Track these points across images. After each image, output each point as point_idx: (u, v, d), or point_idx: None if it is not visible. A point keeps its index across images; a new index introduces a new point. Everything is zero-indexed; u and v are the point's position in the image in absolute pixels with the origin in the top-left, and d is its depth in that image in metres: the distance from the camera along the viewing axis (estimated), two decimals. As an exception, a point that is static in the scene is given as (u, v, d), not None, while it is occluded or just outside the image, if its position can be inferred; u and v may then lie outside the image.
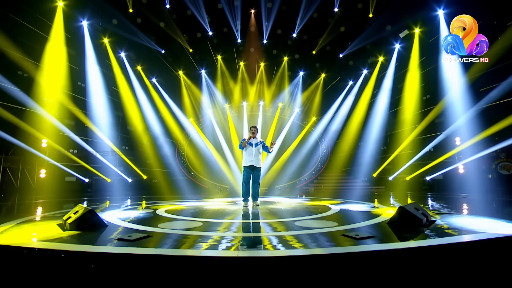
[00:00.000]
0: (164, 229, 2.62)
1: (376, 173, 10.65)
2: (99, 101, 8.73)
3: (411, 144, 8.81)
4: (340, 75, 11.45)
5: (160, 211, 4.10)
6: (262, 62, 11.31)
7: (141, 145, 10.68)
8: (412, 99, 8.69)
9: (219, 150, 11.95)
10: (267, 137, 11.75)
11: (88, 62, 8.26)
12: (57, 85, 7.16)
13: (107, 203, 5.82)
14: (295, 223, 2.97)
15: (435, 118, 8.02)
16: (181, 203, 5.69)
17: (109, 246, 1.93)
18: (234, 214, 3.86)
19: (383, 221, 2.97)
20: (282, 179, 11.76)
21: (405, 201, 5.78)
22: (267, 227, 2.80)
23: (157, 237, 2.29)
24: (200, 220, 3.20)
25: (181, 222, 3.15)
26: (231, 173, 11.47)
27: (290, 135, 12.28)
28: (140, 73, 10.60)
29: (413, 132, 8.61)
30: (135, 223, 3.00)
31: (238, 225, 2.93)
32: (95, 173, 8.70)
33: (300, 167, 11.97)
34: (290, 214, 3.86)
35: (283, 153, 12.05)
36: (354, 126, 11.34)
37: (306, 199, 6.56)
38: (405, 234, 2.28)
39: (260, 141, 5.08)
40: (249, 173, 4.98)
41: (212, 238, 2.21)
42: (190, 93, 11.90)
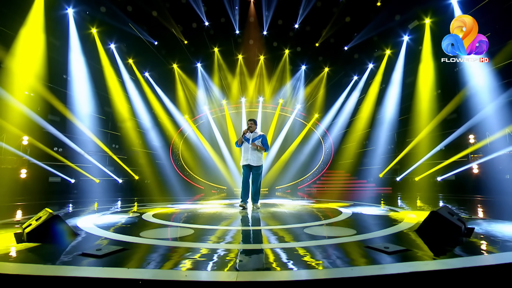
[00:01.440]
0: (146, 239, 2.19)
1: (383, 174, 10.27)
2: (86, 96, 8.27)
3: (421, 142, 8.43)
4: (345, 69, 11.09)
5: (147, 215, 3.67)
6: (261, 55, 10.95)
7: (132, 144, 10.23)
8: (424, 94, 8.30)
9: (216, 149, 11.60)
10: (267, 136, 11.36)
11: (74, 53, 7.80)
12: (33, 76, 6.67)
13: (95, 205, 5.44)
14: (304, 230, 2.56)
15: (449, 114, 7.63)
16: (173, 205, 5.27)
17: (62, 266, 1.51)
18: (231, 219, 3.44)
19: (408, 228, 2.56)
20: (283, 180, 11.46)
21: (414, 203, 5.39)
22: (270, 236, 2.38)
23: (134, 250, 1.87)
24: (191, 227, 2.78)
25: (169, 229, 2.73)
26: (229, 173, 11.11)
27: (291, 133, 11.94)
28: (131, 67, 10.16)
29: (424, 130, 8.22)
30: (114, 230, 2.57)
31: (235, 234, 2.51)
32: (82, 173, 8.25)
33: (301, 167, 11.68)
34: (296, 219, 3.45)
35: (283, 153, 11.71)
36: (360, 123, 10.99)
37: (311, 201, 6.16)
38: (448, 247, 1.87)
39: (260, 135, 4.63)
40: (247, 172, 4.58)
41: (203, 252, 1.79)
42: (185, 88, 11.51)
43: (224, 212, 4.11)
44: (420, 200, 6.28)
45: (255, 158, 4.51)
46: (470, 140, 7.46)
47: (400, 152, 9.40)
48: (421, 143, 8.46)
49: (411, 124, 9.00)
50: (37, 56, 6.69)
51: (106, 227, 2.73)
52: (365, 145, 11.12)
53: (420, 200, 6.12)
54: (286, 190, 11.42)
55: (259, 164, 4.58)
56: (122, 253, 1.77)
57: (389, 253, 1.68)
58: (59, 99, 7.59)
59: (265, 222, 3.24)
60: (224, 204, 5.67)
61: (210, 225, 2.94)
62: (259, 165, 4.59)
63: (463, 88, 7.22)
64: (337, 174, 11.64)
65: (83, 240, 2.17)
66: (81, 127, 8.05)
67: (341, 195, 8.34)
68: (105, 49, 8.92)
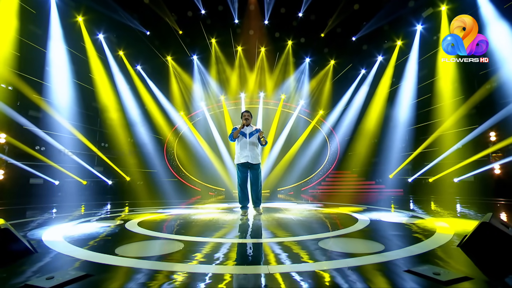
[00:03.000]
0: (120, 259, 1.79)
1: (393, 174, 9.90)
2: (71, 91, 7.85)
3: (437, 140, 8.04)
4: (352, 62, 10.71)
5: (132, 223, 3.27)
6: (262, 46, 10.61)
7: (123, 142, 9.84)
8: (441, 88, 7.88)
9: (214, 148, 11.29)
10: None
11: (57, 43, 7.37)
12: (7, 67, 6.26)
13: (82, 209, 5.06)
14: (319, 243, 2.16)
15: (471, 109, 7.22)
16: (164, 210, 4.87)
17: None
18: (229, 228, 3.04)
19: (447, 241, 2.16)
20: (285, 181, 11.16)
21: (435, 208, 4.99)
22: (277, 253, 1.98)
23: (101, 277, 1.46)
24: (180, 239, 2.38)
25: (152, 243, 2.33)
26: (228, 174, 10.79)
27: (294, 131, 11.64)
28: (122, 59, 9.76)
29: (442, 127, 7.81)
30: (85, 245, 2.17)
31: (233, 249, 2.10)
32: (67, 174, 7.84)
33: (305, 167, 11.38)
34: (306, 227, 3.05)
35: (286, 152, 11.40)
36: (368, 120, 10.63)
37: (318, 205, 5.77)
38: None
39: (256, 130, 4.25)
40: (244, 172, 4.18)
41: (189, 281, 1.39)
42: (181, 82, 11.17)
43: (221, 219, 3.71)
44: (436, 203, 5.89)
45: (254, 155, 4.13)
46: (491, 138, 7.07)
47: (413, 151, 9.02)
48: (437, 141, 8.07)
49: (425, 121, 8.61)
50: (12, 46, 6.27)
51: (77, 241, 2.32)
52: (374, 143, 10.75)
53: (437, 204, 5.73)
54: (289, 192, 11.12)
55: (259, 161, 4.21)
56: (83, 282, 1.37)
57: (444, 282, 1.28)
58: (41, 94, 7.18)
59: (269, 232, 2.84)
60: (222, 208, 5.27)
61: (204, 237, 2.54)
62: (259, 163, 4.22)
63: (489, 79, 6.80)
64: (343, 175, 11.31)
65: (38, 260, 1.76)
66: (65, 124, 7.64)
67: (349, 198, 7.98)
68: (93, 39, 8.51)
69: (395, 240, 2.35)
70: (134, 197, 8.29)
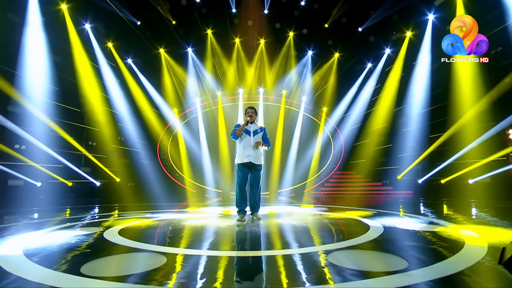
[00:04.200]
0: (83, 281, 1.50)
1: (402, 175, 9.65)
2: (54, 85, 7.53)
3: (450, 138, 7.76)
4: (358, 55, 10.45)
5: (112, 231, 2.98)
6: (262, 38, 10.31)
7: (113, 141, 9.57)
8: (457, 83, 7.56)
9: (210, 147, 11.05)
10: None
11: (38, 33, 7.04)
12: None
13: (63, 214, 4.83)
14: (329, 258, 1.88)
15: (488, 104, 6.92)
16: (153, 215, 4.58)
17: None
18: (223, 237, 2.76)
19: (484, 256, 1.88)
20: (286, 182, 10.92)
21: (453, 213, 4.72)
22: (281, 270, 1.69)
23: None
24: (163, 252, 2.09)
25: (128, 257, 2.04)
26: (225, 175, 10.54)
27: (295, 129, 11.37)
28: (111, 52, 9.46)
29: (457, 123, 7.52)
30: (45, 261, 1.88)
31: (227, 265, 1.82)
32: (50, 175, 7.55)
33: (308, 167, 11.16)
34: (311, 236, 2.77)
35: (287, 151, 11.19)
36: (375, 118, 10.39)
37: (322, 209, 5.49)
38: None
39: (261, 128, 4.13)
40: (245, 173, 3.98)
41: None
42: (174, 77, 10.88)
43: (215, 225, 3.42)
44: (452, 207, 5.62)
45: (257, 155, 3.97)
46: (510, 136, 6.79)
47: (423, 150, 8.75)
48: (450, 140, 7.79)
49: (437, 118, 8.34)
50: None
51: (38, 256, 2.03)
52: (381, 142, 10.52)
53: (452, 208, 5.46)
54: (290, 194, 10.90)
55: (261, 162, 4.03)
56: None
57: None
58: (19, 88, 6.85)
59: (270, 242, 2.56)
60: (217, 213, 4.98)
61: (193, 248, 2.26)
62: (261, 164, 4.04)
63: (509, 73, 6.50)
64: (348, 175, 11.08)
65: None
66: (47, 121, 7.32)
67: (355, 201, 7.74)
68: (79, 30, 8.20)
69: (418, 253, 2.07)
70: (124, 200, 8.02)
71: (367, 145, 10.76)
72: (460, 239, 2.41)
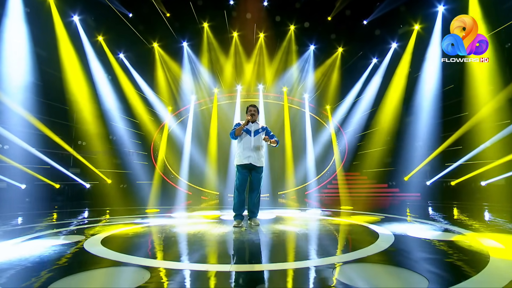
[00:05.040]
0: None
1: (409, 176, 9.51)
2: (39, 80, 7.32)
3: (463, 137, 7.59)
4: (363, 49, 10.27)
5: (94, 240, 2.79)
6: (261, 32, 10.11)
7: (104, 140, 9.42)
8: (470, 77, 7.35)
9: (206, 147, 10.93)
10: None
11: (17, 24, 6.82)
12: None
13: (54, 217, 4.73)
14: (337, 274, 1.70)
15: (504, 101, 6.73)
16: (143, 220, 4.40)
17: None
18: (218, 247, 2.58)
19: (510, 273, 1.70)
20: (287, 183, 10.87)
21: (467, 218, 4.55)
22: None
23: None
24: (148, 266, 1.91)
25: (108, 272, 1.86)
26: (222, 176, 10.42)
27: (297, 127, 11.31)
28: (102, 46, 9.27)
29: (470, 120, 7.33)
30: (9, 281, 1.70)
31: (221, 282, 1.63)
32: (36, 177, 7.37)
33: (310, 168, 11.06)
34: (315, 245, 2.59)
35: (288, 151, 11.06)
36: (381, 116, 10.20)
37: (325, 212, 5.31)
38: None
39: (263, 127, 3.99)
40: (245, 175, 3.82)
41: None
42: (168, 72, 10.72)
43: (209, 233, 3.24)
44: (464, 212, 5.45)
45: (259, 156, 3.82)
46: (525, 135, 6.62)
47: (432, 150, 8.58)
48: (461, 139, 7.62)
49: (448, 116, 8.17)
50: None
51: (3, 272, 1.84)
52: (387, 141, 10.34)
53: (466, 212, 5.28)
54: (291, 197, 10.76)
55: (262, 164, 3.88)
56: None
57: None
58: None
59: (271, 253, 2.39)
60: (212, 217, 4.80)
61: (182, 261, 2.08)
62: (263, 166, 3.89)
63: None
64: (352, 177, 10.93)
65: None
66: (31, 118, 7.12)
67: (360, 204, 7.59)
68: (66, 22, 8.00)
69: (437, 268, 1.89)
70: (114, 203, 7.86)
71: (372, 145, 10.61)
72: (483, 250, 2.23)
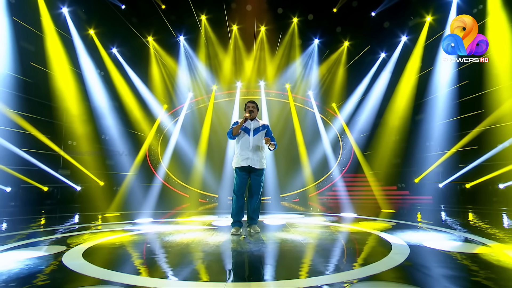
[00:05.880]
0: None
1: (420, 178, 9.35)
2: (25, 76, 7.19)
3: (478, 136, 7.40)
4: (370, 43, 10.13)
5: (76, 252, 2.62)
6: (262, 25, 10.01)
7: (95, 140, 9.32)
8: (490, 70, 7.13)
9: (204, 147, 10.86)
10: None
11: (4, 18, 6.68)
12: None
13: (39, 223, 4.63)
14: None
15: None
16: (133, 227, 4.24)
17: None
18: (212, 259, 2.40)
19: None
20: (290, 185, 10.80)
21: (476, 222, 4.35)
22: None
23: None
24: (132, 286, 1.73)
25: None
26: (220, 178, 10.33)
27: (300, 126, 11.15)
28: (93, 40, 9.15)
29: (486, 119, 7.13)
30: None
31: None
32: (23, 180, 7.24)
33: (313, 169, 10.97)
34: (322, 258, 2.41)
35: (291, 151, 11.06)
36: (390, 114, 10.06)
37: (331, 218, 5.14)
38: None
39: (263, 126, 3.81)
40: (243, 178, 3.66)
41: None
42: (164, 69, 10.66)
43: (204, 242, 3.07)
44: (483, 218, 5.25)
45: (258, 158, 3.64)
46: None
47: (446, 150, 8.40)
48: (478, 138, 7.42)
49: (463, 113, 7.99)
50: None
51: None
52: (396, 141, 10.18)
53: (485, 219, 5.09)
54: (294, 199, 10.71)
55: (263, 166, 3.71)
56: None
57: None
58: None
59: (270, 267, 2.21)
60: (209, 224, 4.63)
61: (171, 277, 1.90)
62: (263, 168, 3.72)
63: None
64: (358, 178, 10.81)
65: None
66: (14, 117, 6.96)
67: (367, 208, 7.45)
68: (54, 14, 7.86)
69: None
70: (106, 207, 7.74)
71: (380, 145, 10.47)
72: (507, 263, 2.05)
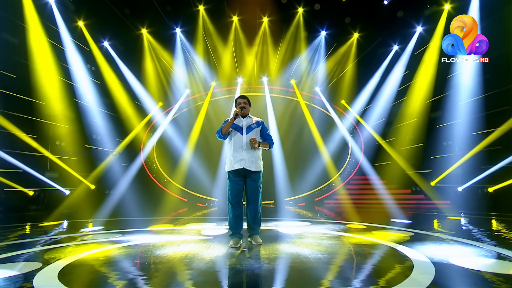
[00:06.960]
0: None
1: (437, 181, 9.21)
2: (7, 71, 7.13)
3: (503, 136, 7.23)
4: (382, 35, 10.02)
5: (52, 271, 2.44)
6: (265, 16, 9.95)
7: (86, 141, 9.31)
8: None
9: (202, 148, 10.98)
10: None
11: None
12: None
13: (20, 232, 4.55)
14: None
15: None
16: (122, 237, 4.06)
17: None
18: (205, 279, 2.20)
19: None
20: (295, 189, 10.74)
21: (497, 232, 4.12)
22: None
23: None
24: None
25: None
26: (219, 179, 10.29)
27: (305, 125, 11.23)
28: (82, 32, 9.11)
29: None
30: None
31: None
32: (6, 184, 7.18)
33: (321, 171, 10.97)
34: (332, 278, 2.20)
35: (296, 151, 11.19)
36: (403, 112, 9.99)
37: (340, 226, 4.93)
38: None
39: (257, 123, 3.60)
40: (238, 184, 3.46)
41: None
42: (159, 63, 10.67)
43: (199, 257, 2.87)
44: (509, 226, 5.02)
45: (253, 159, 3.42)
46: None
47: (466, 151, 8.23)
48: (503, 138, 7.23)
49: (486, 110, 7.82)
50: None
51: None
52: (411, 141, 10.08)
53: (510, 227, 4.86)
54: (300, 204, 10.62)
55: (259, 168, 3.49)
56: None
57: None
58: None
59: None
60: (206, 234, 4.43)
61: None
62: (260, 171, 3.50)
63: None
64: (369, 181, 10.72)
65: None
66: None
67: (379, 214, 7.31)
68: (40, 5, 7.80)
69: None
70: (96, 212, 7.62)
71: (393, 145, 10.46)
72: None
